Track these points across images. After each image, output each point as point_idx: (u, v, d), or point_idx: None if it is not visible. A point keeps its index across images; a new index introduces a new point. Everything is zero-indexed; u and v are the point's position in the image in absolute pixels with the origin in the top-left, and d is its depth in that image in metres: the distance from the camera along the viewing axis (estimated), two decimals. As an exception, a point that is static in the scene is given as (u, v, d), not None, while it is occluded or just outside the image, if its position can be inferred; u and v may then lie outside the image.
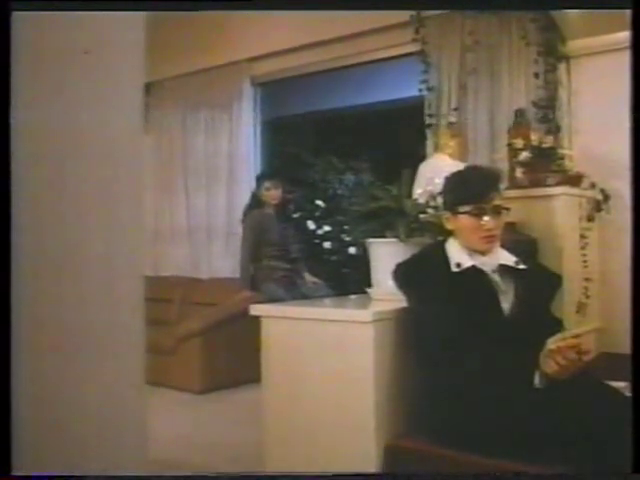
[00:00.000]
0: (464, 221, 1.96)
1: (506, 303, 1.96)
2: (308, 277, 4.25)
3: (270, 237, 4.16)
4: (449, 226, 2.03)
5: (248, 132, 5.01)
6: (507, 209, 1.98)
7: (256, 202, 4.24)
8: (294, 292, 3.98)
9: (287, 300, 3.59)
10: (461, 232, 1.99)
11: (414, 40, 3.98)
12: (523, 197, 3.09)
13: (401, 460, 1.94)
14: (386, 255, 2.24)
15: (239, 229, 4.38)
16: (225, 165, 5.08)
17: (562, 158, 3.24)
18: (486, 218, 1.93)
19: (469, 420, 1.80)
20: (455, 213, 1.99)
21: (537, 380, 1.72)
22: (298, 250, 4.33)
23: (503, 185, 2.03)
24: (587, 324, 3.11)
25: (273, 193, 4.20)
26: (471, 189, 1.97)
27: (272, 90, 5.14)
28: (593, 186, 3.32)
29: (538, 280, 2.04)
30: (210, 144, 5.17)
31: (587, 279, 3.22)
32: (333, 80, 5.10)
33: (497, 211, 1.95)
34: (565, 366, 1.69)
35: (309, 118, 6.22)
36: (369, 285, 2.38)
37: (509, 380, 1.76)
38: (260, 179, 4.33)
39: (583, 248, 3.21)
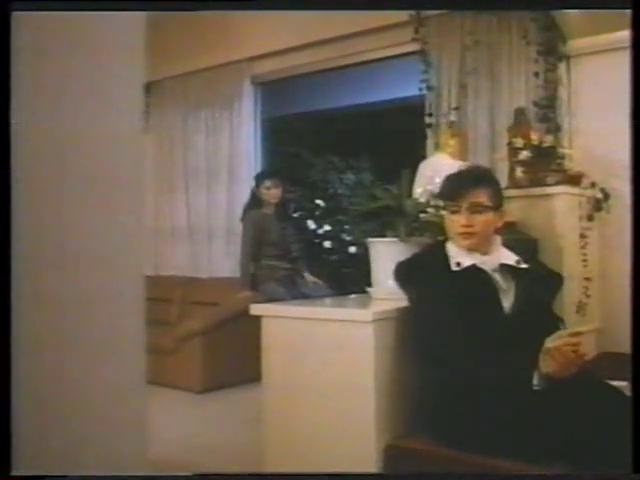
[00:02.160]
0: (446, 219, 2.03)
1: (507, 302, 1.96)
2: (308, 277, 4.24)
3: (270, 236, 4.15)
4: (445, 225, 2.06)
5: (248, 131, 5.00)
6: (488, 207, 1.98)
7: (256, 201, 4.23)
8: (294, 291, 3.97)
9: (287, 299, 3.59)
10: (448, 230, 2.04)
11: (414, 40, 3.97)
12: (523, 196, 3.09)
13: (401, 460, 1.94)
14: (386, 255, 2.24)
15: (239, 229, 4.38)
16: (225, 164, 5.07)
17: (562, 157, 3.24)
18: (456, 216, 1.98)
19: (469, 420, 1.80)
20: (442, 211, 2.06)
21: (536, 380, 1.72)
22: (298, 249, 4.32)
23: (489, 183, 2.02)
24: (587, 324, 3.10)
25: (273, 192, 4.20)
26: (448, 188, 2.05)
27: (272, 90, 5.14)
28: (593, 185, 3.31)
29: (539, 279, 2.04)
30: (210, 144, 5.16)
31: (587, 279, 3.22)
32: (333, 80, 5.10)
33: (473, 209, 1.97)
34: (564, 365, 1.69)
35: (309, 118, 6.22)
36: (369, 285, 2.38)
37: (509, 379, 1.76)
38: (260, 178, 4.31)
39: (583, 247, 3.21)
